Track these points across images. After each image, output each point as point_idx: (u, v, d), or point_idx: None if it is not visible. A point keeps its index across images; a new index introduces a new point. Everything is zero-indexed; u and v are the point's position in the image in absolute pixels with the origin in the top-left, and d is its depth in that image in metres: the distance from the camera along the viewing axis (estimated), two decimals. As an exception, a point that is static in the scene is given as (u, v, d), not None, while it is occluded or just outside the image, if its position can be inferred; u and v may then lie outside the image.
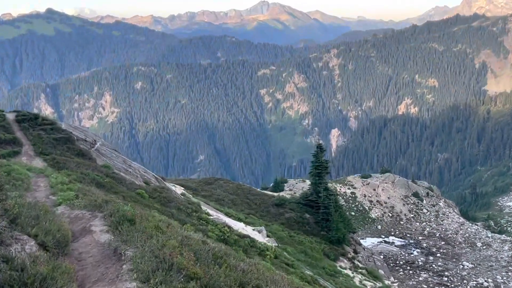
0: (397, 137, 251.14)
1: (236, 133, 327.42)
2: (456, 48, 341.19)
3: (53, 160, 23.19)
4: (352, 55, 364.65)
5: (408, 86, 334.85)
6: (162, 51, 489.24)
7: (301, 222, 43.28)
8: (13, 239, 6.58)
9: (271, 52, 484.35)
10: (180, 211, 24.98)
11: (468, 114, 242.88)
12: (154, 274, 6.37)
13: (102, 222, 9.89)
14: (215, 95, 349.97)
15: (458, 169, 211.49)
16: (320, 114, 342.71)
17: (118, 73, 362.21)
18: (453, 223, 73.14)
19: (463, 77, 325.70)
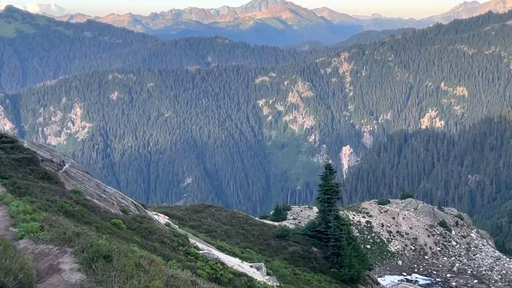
0: (420, 155, 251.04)
1: (230, 151, 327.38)
2: (489, 51, 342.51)
3: (13, 185, 23.12)
4: (366, 59, 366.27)
5: (433, 95, 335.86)
6: (143, 56, 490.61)
7: (308, 257, 43.15)
8: (-33, 281, 6.52)
9: (271, 56, 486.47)
10: (164, 244, 24.90)
11: (504, 128, 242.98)
12: (136, 322, 6.30)
13: (73, 259, 9.82)
14: (205, 107, 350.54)
15: (492, 193, 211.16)
16: (329, 128, 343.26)
17: (91, 81, 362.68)
18: (487, 258, 72.86)
19: (497, 85, 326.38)
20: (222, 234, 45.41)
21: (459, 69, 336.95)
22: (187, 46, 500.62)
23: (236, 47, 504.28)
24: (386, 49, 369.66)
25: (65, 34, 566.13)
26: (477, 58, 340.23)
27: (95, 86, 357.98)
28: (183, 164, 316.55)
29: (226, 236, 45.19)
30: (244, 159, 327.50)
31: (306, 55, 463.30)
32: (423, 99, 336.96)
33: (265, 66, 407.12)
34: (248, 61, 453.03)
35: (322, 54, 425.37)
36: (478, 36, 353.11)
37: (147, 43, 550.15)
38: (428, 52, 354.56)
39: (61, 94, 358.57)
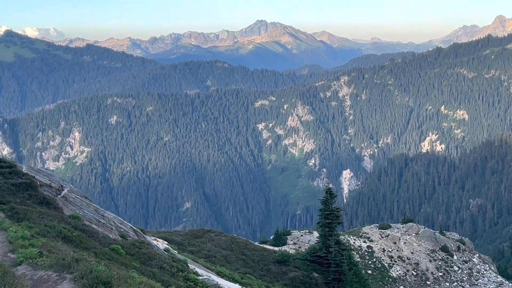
0: (420, 179, 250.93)
1: (229, 175, 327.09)
2: (489, 75, 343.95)
3: (11, 210, 23.09)
4: (366, 83, 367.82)
5: (433, 119, 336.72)
6: (142, 80, 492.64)
7: (308, 283, 42.96)
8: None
9: (270, 80, 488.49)
10: (164, 270, 24.81)
11: (505, 152, 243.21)
12: None
13: (72, 285, 9.80)
14: (204, 131, 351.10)
15: (494, 218, 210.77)
16: (329, 152, 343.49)
17: (89, 105, 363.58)
18: (490, 283, 72.62)
19: (498, 109, 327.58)
20: (221, 259, 45.25)
21: (459, 93, 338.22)
22: (186, 70, 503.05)
23: (236, 71, 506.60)
24: (386, 72, 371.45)
25: (64, 59, 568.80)
26: (477, 81, 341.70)
27: (94, 110, 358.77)
28: (182, 189, 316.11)
29: (226, 261, 45.02)
30: (244, 183, 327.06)
31: (305, 79, 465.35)
32: (423, 123, 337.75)
33: (264, 90, 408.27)
34: (248, 85, 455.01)
35: (321, 77, 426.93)
36: (477, 59, 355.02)
37: (147, 67, 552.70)
38: (428, 75, 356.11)
39: (59, 119, 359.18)
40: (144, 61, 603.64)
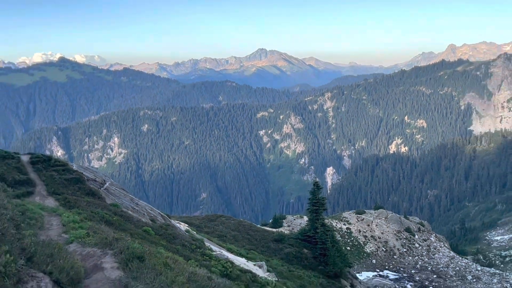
0: (388, 175, 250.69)
1: (237, 172, 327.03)
2: (442, 91, 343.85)
3: (64, 200, 23.12)
4: (345, 98, 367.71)
5: (398, 126, 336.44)
6: (167, 96, 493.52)
7: (300, 257, 42.85)
8: (30, 277, 6.51)
9: (269, 96, 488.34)
10: (185, 247, 24.78)
11: (455, 153, 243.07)
12: (164, 310, 6.28)
13: (113, 259, 9.80)
14: (217, 136, 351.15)
15: (447, 205, 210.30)
16: (316, 153, 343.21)
17: (126, 116, 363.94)
18: (444, 257, 72.36)
19: (450, 118, 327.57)
20: (231, 238, 45.18)
21: (419, 106, 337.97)
22: (202, 88, 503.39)
23: (242, 89, 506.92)
24: (361, 90, 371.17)
25: (106, 79, 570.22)
26: (433, 97, 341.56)
27: (129, 120, 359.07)
28: (199, 182, 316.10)
29: (234, 240, 44.96)
30: (248, 178, 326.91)
31: (297, 95, 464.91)
32: (390, 130, 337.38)
33: (264, 104, 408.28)
34: (251, 100, 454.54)
35: (310, 94, 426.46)
36: (433, 79, 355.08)
37: (171, 86, 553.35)
38: (394, 92, 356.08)
39: (102, 127, 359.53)
40: (169, 81, 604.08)
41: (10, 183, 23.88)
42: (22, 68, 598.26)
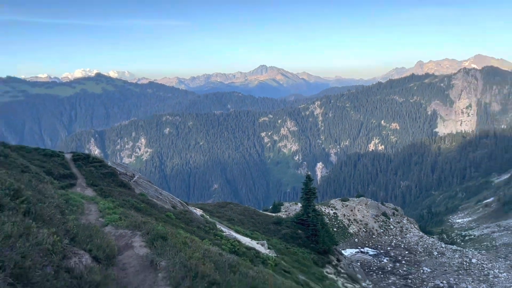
0: (368, 169, 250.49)
1: (243, 167, 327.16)
2: (412, 100, 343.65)
3: (101, 190, 23.18)
4: (332, 105, 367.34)
5: (376, 129, 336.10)
6: (185, 104, 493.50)
7: (295, 237, 42.85)
8: (73, 253, 6.53)
9: (269, 104, 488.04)
10: (200, 229, 24.81)
11: (423, 150, 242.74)
12: (183, 281, 6.29)
13: (141, 239, 9.81)
14: (226, 138, 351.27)
15: (416, 193, 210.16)
16: (308, 151, 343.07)
17: (151, 121, 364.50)
18: (414, 237, 72.30)
19: (419, 122, 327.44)
20: (238, 221, 45.20)
21: (393, 112, 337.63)
22: (214, 98, 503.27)
23: (246, 99, 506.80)
24: (345, 99, 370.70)
25: (134, 91, 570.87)
26: (405, 104, 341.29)
27: (154, 124, 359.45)
28: (211, 176, 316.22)
29: (241, 223, 44.97)
30: (252, 172, 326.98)
31: (292, 103, 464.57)
32: (369, 132, 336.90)
33: (265, 111, 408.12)
34: (254, 107, 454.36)
35: (302, 102, 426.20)
36: (405, 90, 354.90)
37: (188, 96, 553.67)
38: (373, 100, 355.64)
39: (132, 130, 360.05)
40: (186, 92, 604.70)
41: (56, 177, 23.94)
42: (65, 82, 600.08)
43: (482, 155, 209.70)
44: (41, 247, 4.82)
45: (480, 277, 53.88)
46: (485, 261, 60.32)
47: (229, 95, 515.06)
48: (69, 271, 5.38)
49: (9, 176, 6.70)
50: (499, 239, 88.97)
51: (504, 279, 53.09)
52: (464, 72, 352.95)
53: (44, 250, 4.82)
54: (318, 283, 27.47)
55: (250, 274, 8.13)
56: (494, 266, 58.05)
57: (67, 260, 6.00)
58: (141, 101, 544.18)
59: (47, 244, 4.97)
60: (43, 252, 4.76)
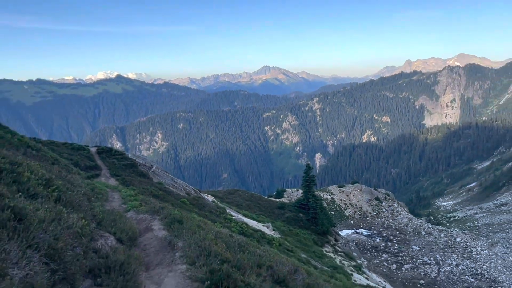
0: (362, 158, 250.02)
1: (249, 157, 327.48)
2: (402, 95, 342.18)
3: (123, 180, 23.29)
4: (329, 101, 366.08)
5: (369, 122, 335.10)
6: (197, 102, 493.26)
7: (297, 220, 42.93)
8: (100, 236, 6.59)
9: (272, 101, 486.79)
10: (212, 213, 24.89)
11: (412, 141, 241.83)
12: (198, 259, 6.34)
13: (159, 222, 9.86)
14: (234, 132, 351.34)
15: (406, 179, 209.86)
16: (307, 143, 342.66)
17: (166, 118, 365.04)
18: (404, 218, 72.20)
19: (408, 115, 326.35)
20: (246, 206, 45.31)
21: (384, 106, 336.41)
22: (222, 96, 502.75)
23: (252, 96, 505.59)
24: (341, 95, 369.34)
25: (151, 90, 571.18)
26: (395, 99, 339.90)
27: (169, 120, 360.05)
28: (221, 166, 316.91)
29: (248, 207, 45.08)
30: (258, 162, 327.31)
31: (293, 100, 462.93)
32: (363, 124, 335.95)
33: (269, 107, 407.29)
34: (259, 104, 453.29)
35: (302, 99, 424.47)
36: (395, 86, 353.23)
37: (199, 95, 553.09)
38: (366, 96, 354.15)
39: (149, 126, 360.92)
40: (198, 91, 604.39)
41: (83, 168, 24.07)
42: (89, 83, 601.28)
43: (465, 145, 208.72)
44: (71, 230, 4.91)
45: (464, 254, 53.90)
46: (468, 239, 60.21)
47: (236, 93, 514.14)
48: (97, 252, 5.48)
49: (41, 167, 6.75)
50: (481, 220, 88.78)
51: (485, 256, 53.12)
52: (448, 70, 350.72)
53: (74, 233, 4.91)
54: (318, 260, 27.54)
55: (257, 252, 8.16)
56: (477, 244, 57.98)
57: (94, 242, 6.06)
58: (157, 100, 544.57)
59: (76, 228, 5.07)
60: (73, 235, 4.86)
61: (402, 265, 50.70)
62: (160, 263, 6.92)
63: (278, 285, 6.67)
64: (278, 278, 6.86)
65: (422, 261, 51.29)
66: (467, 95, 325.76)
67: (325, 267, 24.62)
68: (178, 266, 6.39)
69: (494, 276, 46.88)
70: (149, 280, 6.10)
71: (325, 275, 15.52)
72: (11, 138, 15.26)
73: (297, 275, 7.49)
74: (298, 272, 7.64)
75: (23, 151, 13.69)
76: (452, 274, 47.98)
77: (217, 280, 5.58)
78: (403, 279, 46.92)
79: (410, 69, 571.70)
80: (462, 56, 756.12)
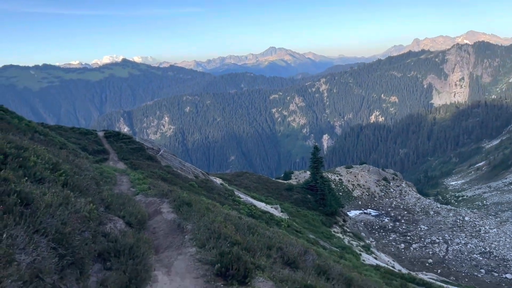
0: (370, 138, 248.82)
1: (256, 140, 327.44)
2: (410, 74, 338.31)
3: (131, 163, 23.34)
4: (336, 82, 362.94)
5: (376, 102, 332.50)
6: (203, 85, 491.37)
7: (305, 201, 43.02)
8: (108, 220, 6.56)
9: (279, 83, 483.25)
10: (220, 195, 24.95)
11: (420, 120, 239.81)
12: (208, 242, 6.29)
13: (168, 205, 9.84)
14: (240, 114, 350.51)
15: (414, 160, 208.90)
16: (315, 124, 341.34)
17: (173, 101, 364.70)
18: (412, 198, 72.16)
19: (416, 95, 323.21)
20: (253, 188, 45.44)
21: (392, 86, 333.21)
22: (228, 78, 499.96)
23: (258, 78, 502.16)
24: (348, 75, 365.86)
25: (157, 74, 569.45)
26: (403, 79, 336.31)
27: (175, 104, 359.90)
28: (229, 148, 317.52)
29: (256, 190, 45.21)
30: (265, 144, 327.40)
31: (299, 81, 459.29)
32: (371, 105, 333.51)
33: (275, 89, 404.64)
34: (265, 86, 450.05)
35: (309, 80, 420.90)
36: (403, 65, 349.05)
37: (205, 77, 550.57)
38: (373, 76, 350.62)
39: (156, 109, 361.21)
40: (204, 74, 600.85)
41: (91, 152, 24.14)
42: (95, 67, 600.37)
43: (474, 124, 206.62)
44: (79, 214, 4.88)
45: (472, 233, 53.94)
46: (477, 218, 60.13)
47: (242, 75, 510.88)
48: (106, 236, 5.44)
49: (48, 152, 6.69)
50: (489, 198, 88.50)
51: (494, 234, 53.11)
52: (457, 48, 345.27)
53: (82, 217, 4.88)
54: (326, 241, 27.64)
55: (267, 234, 8.11)
56: (485, 223, 57.92)
57: (103, 225, 6.02)
58: (163, 83, 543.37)
59: (84, 212, 5.02)
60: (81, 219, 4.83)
61: (411, 244, 50.87)
62: (170, 246, 6.89)
63: (288, 266, 6.64)
64: (288, 259, 6.82)
65: (431, 241, 51.44)
66: (476, 73, 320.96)
67: (334, 248, 24.69)
68: (187, 249, 6.36)
69: (503, 255, 46.92)
70: (158, 263, 6.07)
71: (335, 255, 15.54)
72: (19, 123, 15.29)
73: (307, 256, 7.45)
74: (308, 253, 7.60)
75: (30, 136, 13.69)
76: (461, 252, 48.11)
77: (227, 262, 5.54)
78: (412, 258, 47.14)
79: (418, 48, 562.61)
80: (472, 34, 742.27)
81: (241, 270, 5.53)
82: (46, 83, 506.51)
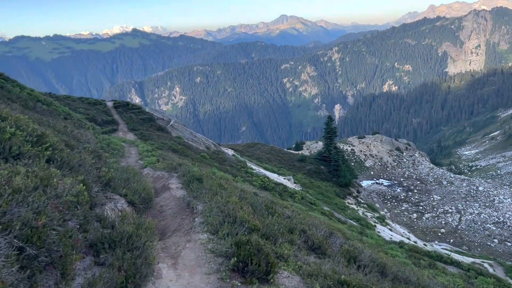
0: (382, 108, 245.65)
1: (267, 110, 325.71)
2: (424, 42, 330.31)
3: (140, 134, 22.68)
4: (349, 51, 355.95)
5: (390, 71, 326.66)
6: (213, 55, 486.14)
7: (318, 172, 42.33)
8: (107, 199, 5.74)
9: (290, 52, 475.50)
10: (232, 167, 24.30)
11: (434, 89, 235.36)
12: (222, 227, 5.42)
13: (177, 180, 9.08)
14: (251, 84, 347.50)
15: (427, 129, 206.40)
16: (327, 94, 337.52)
17: (184, 71, 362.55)
18: (425, 168, 71.11)
19: (430, 63, 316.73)
20: (266, 159, 44.80)
21: (406, 54, 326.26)
22: (239, 48, 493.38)
23: (269, 47, 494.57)
24: (361, 44, 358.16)
25: (167, 44, 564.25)
26: (417, 46, 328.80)
27: (186, 74, 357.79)
28: (240, 119, 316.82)
29: (268, 161, 44.57)
30: (276, 114, 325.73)
31: (311, 50, 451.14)
32: (384, 73, 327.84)
33: (286, 58, 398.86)
34: (276, 55, 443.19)
35: (321, 49, 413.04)
36: (417, 33, 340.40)
37: (216, 47, 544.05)
38: (387, 44, 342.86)
39: (167, 80, 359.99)
40: (214, 43, 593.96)
41: (100, 123, 23.46)
42: (105, 38, 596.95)
43: (490, 92, 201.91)
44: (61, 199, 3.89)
45: (486, 203, 53.17)
46: (491, 188, 59.12)
47: (253, 44, 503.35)
48: (101, 221, 4.61)
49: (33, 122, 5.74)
50: (504, 168, 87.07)
51: (508, 204, 52.34)
52: (474, 14, 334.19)
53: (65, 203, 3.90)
54: (340, 212, 27.00)
55: (286, 213, 7.27)
56: (500, 193, 56.94)
57: (100, 207, 5.16)
58: (174, 53, 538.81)
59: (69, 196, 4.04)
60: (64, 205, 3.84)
61: (423, 214, 50.38)
62: (178, 229, 6.08)
63: (314, 252, 5.80)
64: (313, 244, 5.98)
65: (443, 210, 50.90)
66: (493, 40, 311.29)
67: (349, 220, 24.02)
68: (197, 235, 5.52)
69: (519, 225, 46.13)
70: (164, 252, 5.25)
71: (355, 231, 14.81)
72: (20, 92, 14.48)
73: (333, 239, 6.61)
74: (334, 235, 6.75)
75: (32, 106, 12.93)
76: (474, 222, 47.47)
77: (246, 255, 4.60)
78: (424, 228, 46.65)
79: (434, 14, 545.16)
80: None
81: (262, 265, 4.68)
82: (57, 53, 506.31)
